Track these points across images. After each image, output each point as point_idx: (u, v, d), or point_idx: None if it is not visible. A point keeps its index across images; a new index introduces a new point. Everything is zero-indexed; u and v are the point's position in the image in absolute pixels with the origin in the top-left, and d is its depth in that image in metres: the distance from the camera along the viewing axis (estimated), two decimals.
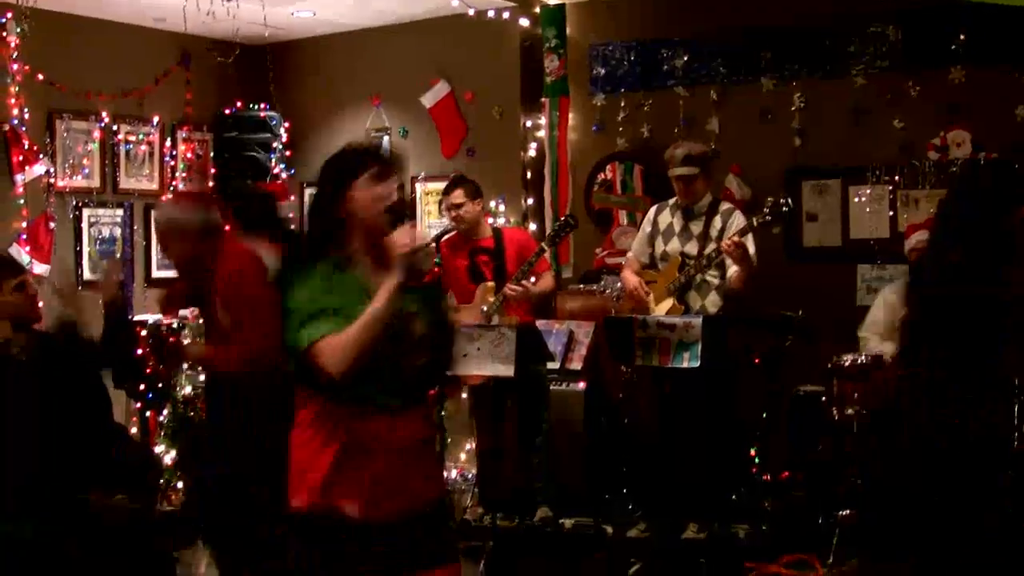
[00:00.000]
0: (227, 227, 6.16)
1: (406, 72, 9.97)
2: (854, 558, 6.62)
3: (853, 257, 8.38)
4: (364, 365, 3.58)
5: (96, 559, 5.56)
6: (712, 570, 6.91)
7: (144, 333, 7.78)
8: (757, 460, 7.72)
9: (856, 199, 8.38)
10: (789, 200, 7.08)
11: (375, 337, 3.58)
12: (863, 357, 7.10)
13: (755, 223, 7.06)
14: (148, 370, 7.59)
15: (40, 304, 5.69)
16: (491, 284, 7.72)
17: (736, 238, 6.95)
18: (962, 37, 7.92)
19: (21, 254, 8.60)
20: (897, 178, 8.19)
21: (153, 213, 9.04)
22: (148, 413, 8.15)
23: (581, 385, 8.25)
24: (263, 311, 5.37)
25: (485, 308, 7.60)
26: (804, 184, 8.54)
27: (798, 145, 8.53)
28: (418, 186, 10.03)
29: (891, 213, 8.24)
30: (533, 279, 7.67)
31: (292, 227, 8.09)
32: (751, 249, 7.07)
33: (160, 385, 7.74)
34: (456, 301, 7.78)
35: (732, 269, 7.12)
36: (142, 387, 7.60)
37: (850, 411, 7.06)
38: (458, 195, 7.76)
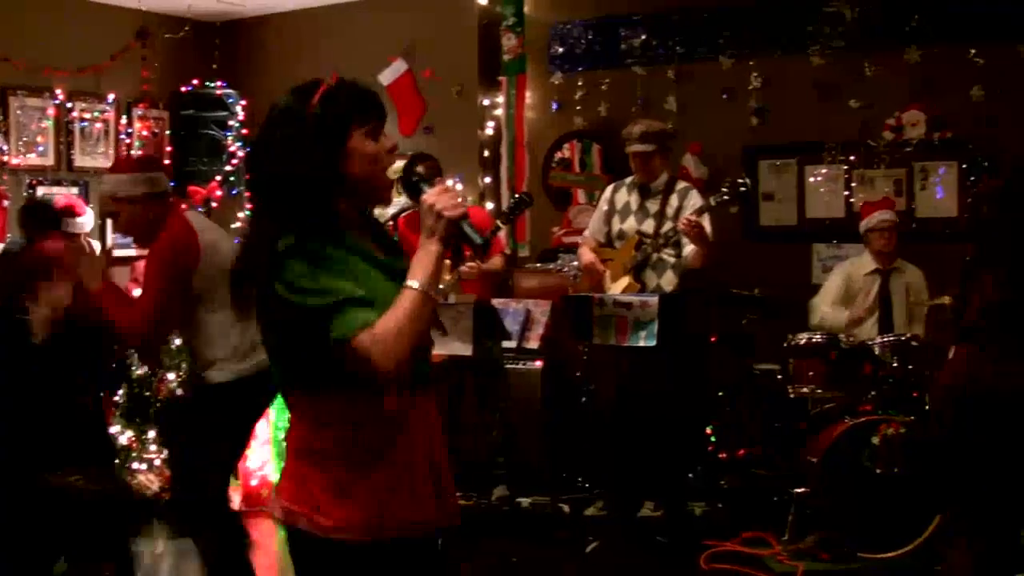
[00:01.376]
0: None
1: (364, 49, 9.92)
2: (810, 535, 6.66)
3: (809, 236, 8.43)
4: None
5: (52, 537, 5.55)
6: (670, 548, 6.94)
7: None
8: (714, 438, 7.78)
9: (812, 178, 8.42)
10: (747, 180, 7.09)
11: (426, 320, 3.03)
12: (819, 336, 7.15)
13: (712, 203, 7.07)
14: None
15: None
16: (447, 262, 7.70)
17: (693, 217, 6.96)
18: (918, 17, 7.95)
19: None
20: (853, 157, 8.23)
21: (97, 184, 8.95)
22: (102, 393, 8.09)
23: (538, 363, 8.26)
24: (170, 289, 5.32)
25: (442, 286, 7.58)
26: (761, 163, 8.57)
27: (756, 124, 8.56)
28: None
29: (847, 193, 8.29)
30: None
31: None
32: (707, 228, 7.08)
33: (115, 365, 7.69)
34: None
35: (689, 248, 7.13)
36: None
37: (806, 389, 7.11)
38: (420, 170, 7.74)
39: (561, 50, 9.32)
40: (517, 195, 7.96)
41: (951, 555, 5.88)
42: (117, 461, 7.91)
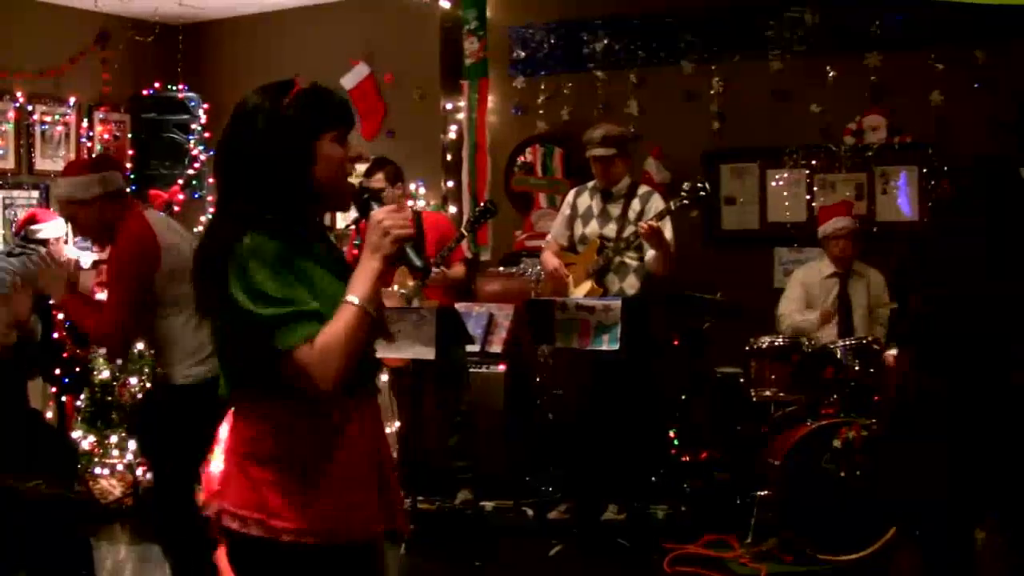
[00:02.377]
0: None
1: (327, 53, 9.90)
2: (772, 537, 6.69)
3: (771, 240, 8.47)
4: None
5: (11, 542, 5.52)
6: (632, 551, 6.96)
7: (60, 317, 7.68)
8: (676, 441, 7.80)
9: (774, 183, 8.46)
10: (706, 184, 7.11)
11: (365, 334, 3.01)
12: (780, 339, 7.19)
13: (672, 207, 7.10)
14: (65, 354, 7.51)
15: None
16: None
17: (653, 222, 6.98)
18: (878, 22, 8.01)
19: None
20: (814, 162, 8.28)
21: (52, 189, 8.90)
22: (64, 398, 8.06)
23: (501, 367, 8.27)
24: (134, 289, 5.31)
25: (404, 291, 7.58)
26: (723, 167, 8.61)
27: (717, 128, 8.59)
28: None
29: (808, 197, 8.33)
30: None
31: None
32: (668, 233, 7.11)
33: (77, 369, 7.65)
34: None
35: (650, 253, 7.16)
36: (58, 371, 7.51)
37: (767, 392, 7.15)
38: (379, 179, 7.73)
39: (523, 54, 9.33)
40: (482, 204, 7.96)
41: (900, 557, 5.95)
42: (79, 466, 7.89)
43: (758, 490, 6.78)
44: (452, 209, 9.22)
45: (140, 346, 8.08)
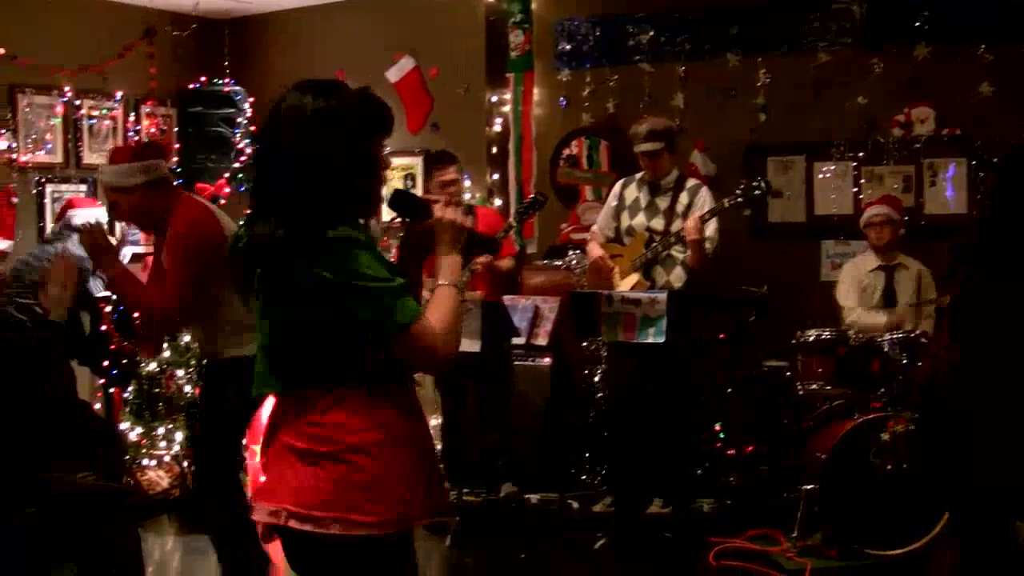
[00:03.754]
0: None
1: (371, 47, 9.91)
2: (818, 531, 6.66)
3: (817, 233, 8.43)
4: None
5: (58, 533, 5.55)
6: (677, 545, 6.94)
7: (108, 309, 7.73)
8: (722, 435, 7.77)
9: (820, 175, 8.42)
10: (763, 183, 7.08)
11: (462, 316, 3.25)
12: (826, 333, 7.14)
13: (726, 204, 7.08)
14: (112, 346, 7.56)
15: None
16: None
17: (705, 217, 6.97)
18: (926, 14, 7.95)
19: None
20: (861, 154, 8.23)
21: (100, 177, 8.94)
22: (112, 390, 8.11)
23: (546, 360, 8.26)
24: (197, 270, 5.36)
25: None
26: (769, 160, 8.57)
27: (763, 121, 8.55)
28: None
29: (855, 189, 8.28)
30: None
31: None
32: (710, 231, 7.07)
33: (125, 361, 7.70)
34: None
35: (689, 249, 7.12)
36: (106, 364, 7.55)
37: (814, 386, 7.11)
38: (452, 172, 7.81)
39: (568, 47, 9.31)
40: (531, 196, 7.96)
41: (941, 552, 5.90)
42: (127, 457, 7.95)
43: (804, 484, 6.75)
44: (498, 202, 9.23)
45: (187, 338, 8.13)
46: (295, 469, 3.09)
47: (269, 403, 3.29)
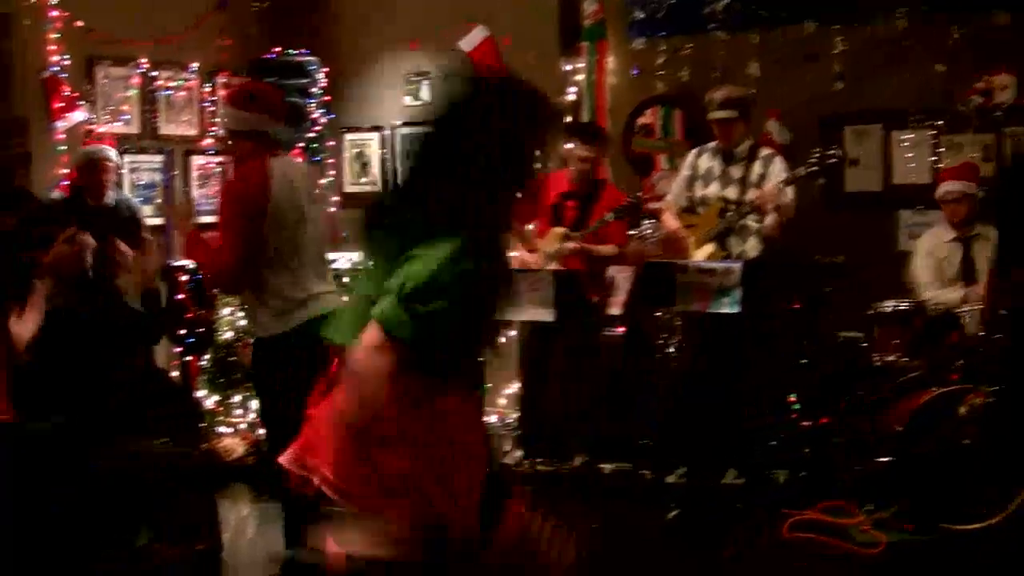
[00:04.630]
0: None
1: (444, 16, 9.90)
2: (894, 504, 6.61)
3: (894, 203, 8.33)
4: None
5: (134, 499, 5.63)
6: (750, 516, 6.91)
7: (184, 278, 7.81)
8: (797, 406, 7.71)
9: (898, 144, 8.31)
10: (838, 151, 7.02)
11: None
12: (904, 304, 7.08)
13: (802, 173, 7.04)
14: (189, 315, 7.64)
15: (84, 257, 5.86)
16: (561, 231, 7.78)
17: (781, 186, 6.93)
18: None
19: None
20: (940, 123, 8.11)
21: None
22: (189, 358, 8.19)
23: (621, 330, 8.24)
24: (241, 225, 5.41)
25: (549, 252, 7.64)
26: (845, 129, 8.47)
27: (839, 89, 8.44)
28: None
29: (933, 158, 8.17)
30: None
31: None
32: (789, 198, 7.03)
33: (201, 330, 7.77)
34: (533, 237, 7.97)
35: (768, 217, 7.10)
36: (182, 332, 7.63)
37: (890, 357, 7.05)
38: (588, 149, 7.86)
39: (642, 15, 9.23)
40: (627, 201, 7.96)
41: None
42: (203, 425, 8.03)
43: (880, 456, 6.70)
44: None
45: None
46: (339, 436, 3.09)
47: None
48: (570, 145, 7.98)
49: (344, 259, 8.50)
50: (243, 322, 8.31)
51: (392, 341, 2.96)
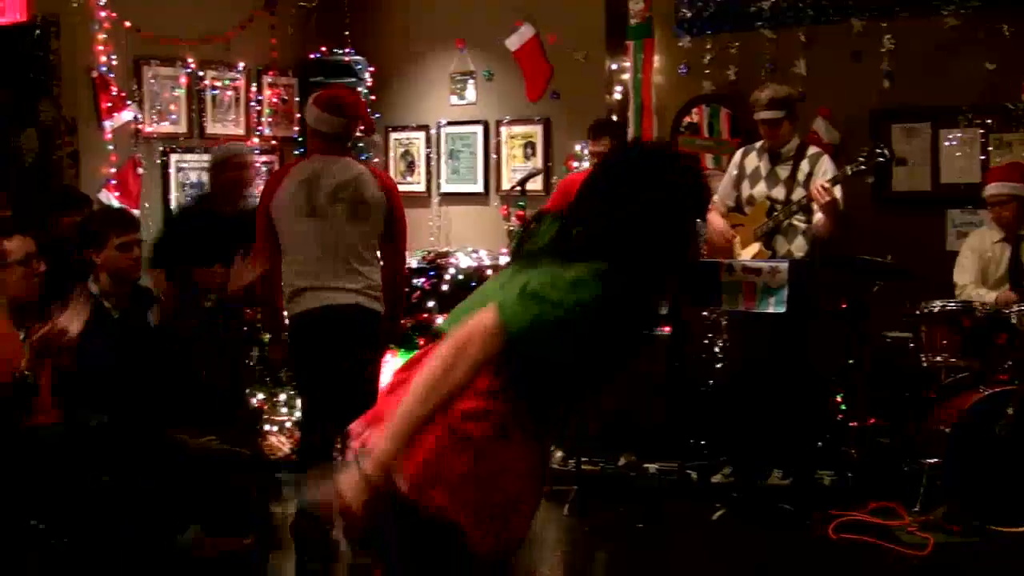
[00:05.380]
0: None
1: (490, 14, 9.91)
2: (941, 506, 6.56)
3: (943, 202, 8.24)
4: None
5: (185, 495, 5.67)
6: (797, 517, 6.88)
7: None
8: (843, 406, 7.67)
9: (947, 142, 8.23)
10: (886, 150, 6.97)
11: None
12: (952, 304, 7.01)
13: (848, 172, 6.99)
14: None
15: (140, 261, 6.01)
16: None
17: (826, 185, 6.88)
18: None
19: (110, 199, 8.71)
20: (989, 121, 8.03)
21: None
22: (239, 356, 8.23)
23: (665, 329, 8.21)
24: (260, 222, 6.22)
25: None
26: (893, 127, 8.40)
27: (887, 87, 8.38)
28: (503, 130, 10.01)
29: (983, 157, 8.09)
30: None
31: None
32: (838, 197, 7.00)
33: (246, 329, 7.80)
34: None
35: (818, 216, 7.06)
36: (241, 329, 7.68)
37: (938, 358, 6.98)
38: (605, 143, 7.89)
39: (689, 13, 9.19)
40: None
41: None
42: (254, 423, 8.07)
43: (927, 457, 6.65)
44: None
45: None
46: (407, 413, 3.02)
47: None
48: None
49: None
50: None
51: (501, 327, 2.94)
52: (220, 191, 7.46)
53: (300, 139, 9.50)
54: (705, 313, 8.19)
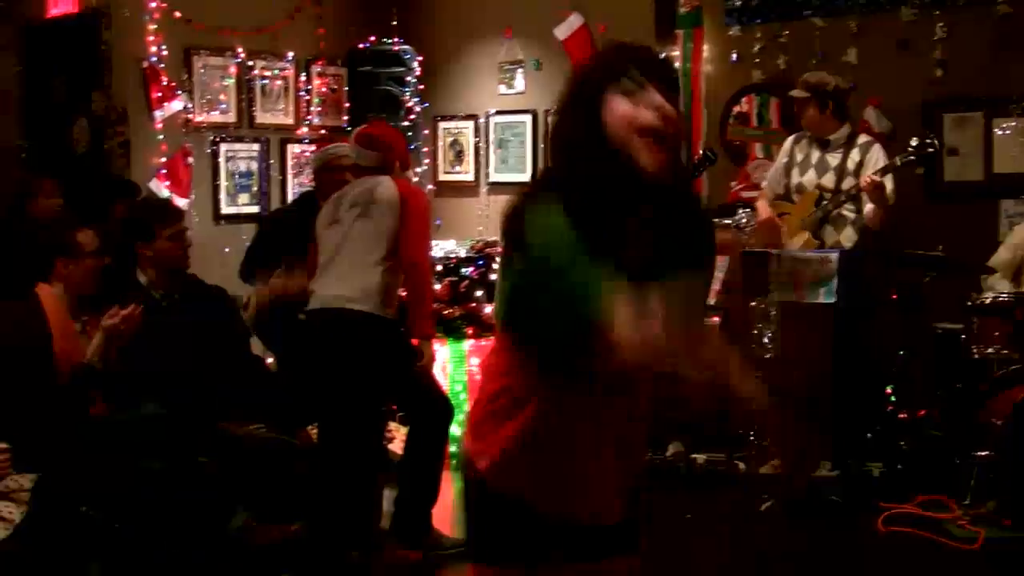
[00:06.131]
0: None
1: (538, 3, 9.89)
2: (992, 499, 6.51)
3: (996, 192, 8.17)
4: None
5: (231, 484, 5.70)
6: (845, 509, 6.85)
7: None
8: (893, 398, 7.62)
9: (1000, 132, 8.16)
10: (935, 140, 6.91)
11: None
12: (1004, 295, 6.95)
13: (898, 162, 6.94)
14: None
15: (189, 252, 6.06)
16: None
17: (876, 177, 6.84)
18: None
19: (160, 188, 8.78)
20: None
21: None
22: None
23: (716, 319, 8.18)
24: None
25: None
26: (945, 117, 8.33)
27: (939, 76, 8.30)
28: (551, 119, 9.97)
29: None
30: None
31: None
32: (889, 187, 6.95)
33: None
34: None
35: (868, 207, 7.02)
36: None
37: (989, 350, 6.93)
38: None
39: (738, 2, 9.15)
40: (701, 153, 7.90)
41: None
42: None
43: (977, 450, 6.60)
44: None
45: None
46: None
47: None
48: None
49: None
50: None
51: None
52: (320, 192, 7.42)
53: (349, 129, 9.48)
54: (754, 303, 8.14)
